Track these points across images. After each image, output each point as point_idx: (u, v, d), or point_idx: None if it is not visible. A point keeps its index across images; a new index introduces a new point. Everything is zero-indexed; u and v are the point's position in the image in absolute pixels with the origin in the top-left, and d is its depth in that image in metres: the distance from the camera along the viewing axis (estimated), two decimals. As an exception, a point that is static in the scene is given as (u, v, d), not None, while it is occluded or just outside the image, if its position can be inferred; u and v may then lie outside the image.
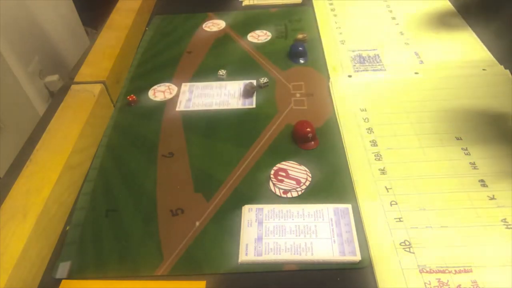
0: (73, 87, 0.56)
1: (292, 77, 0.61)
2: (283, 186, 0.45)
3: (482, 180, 0.44)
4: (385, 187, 0.44)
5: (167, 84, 0.62)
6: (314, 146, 0.50)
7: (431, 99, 0.54)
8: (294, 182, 0.46)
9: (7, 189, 0.42)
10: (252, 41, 0.70)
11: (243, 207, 0.44)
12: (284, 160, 0.48)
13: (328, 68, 0.62)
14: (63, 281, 0.39)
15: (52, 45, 1.02)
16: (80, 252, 0.41)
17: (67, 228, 0.44)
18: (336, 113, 0.54)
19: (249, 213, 0.43)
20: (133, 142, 0.53)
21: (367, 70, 0.61)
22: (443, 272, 0.36)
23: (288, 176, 0.46)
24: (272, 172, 0.47)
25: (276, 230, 0.41)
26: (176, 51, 0.69)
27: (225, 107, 0.57)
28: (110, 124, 0.56)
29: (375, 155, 0.48)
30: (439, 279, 0.36)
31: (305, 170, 0.47)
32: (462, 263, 0.37)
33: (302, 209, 0.43)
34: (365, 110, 0.54)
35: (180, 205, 0.45)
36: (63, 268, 0.40)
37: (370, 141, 0.49)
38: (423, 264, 0.37)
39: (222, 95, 0.59)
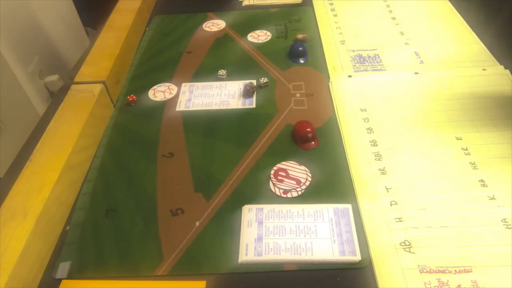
0: (73, 87, 0.56)
1: (292, 77, 0.61)
2: (283, 186, 0.45)
3: (482, 180, 0.44)
4: (385, 187, 0.44)
5: (167, 84, 0.62)
6: (314, 146, 0.50)
7: (431, 99, 0.54)
8: (294, 182, 0.46)
9: (7, 189, 0.42)
10: (252, 41, 0.70)
11: (243, 207, 0.44)
12: (284, 160, 0.48)
13: (328, 68, 0.62)
14: (63, 281, 0.39)
15: (52, 45, 1.02)
16: (80, 252, 0.41)
17: (67, 228, 0.44)
18: (336, 113, 0.54)
19: (249, 213, 0.43)
20: (133, 142, 0.53)
21: (367, 70, 0.61)
22: (443, 272, 0.36)
23: (288, 176, 0.46)
24: (272, 172, 0.47)
25: (276, 230, 0.41)
26: (176, 51, 0.69)
27: (225, 107, 0.57)
28: (110, 124, 0.56)
29: (375, 155, 0.48)
30: (439, 279, 0.36)
31: (305, 170, 0.47)
32: (462, 263, 0.37)
33: (302, 209, 0.43)
34: (365, 110, 0.54)
35: (180, 205, 0.45)
36: (63, 268, 0.40)
37: (370, 141, 0.49)
38: (423, 264, 0.37)
39: (222, 95, 0.59)
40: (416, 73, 0.59)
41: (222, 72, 0.62)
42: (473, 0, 0.73)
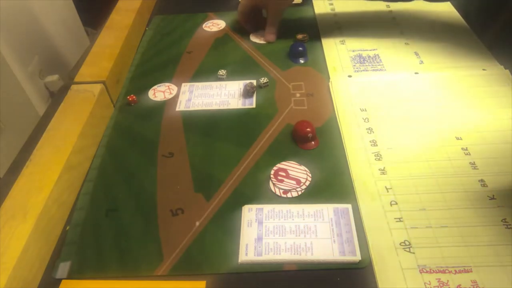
0: (73, 87, 0.56)
1: (292, 77, 0.61)
2: (283, 186, 0.45)
3: (482, 180, 0.44)
4: (385, 187, 0.44)
5: (167, 84, 0.62)
6: (314, 146, 0.50)
7: (431, 99, 0.54)
8: (294, 182, 0.46)
9: (7, 189, 0.42)
10: (252, 41, 0.70)
11: (243, 207, 0.44)
12: (284, 160, 0.48)
13: (328, 68, 0.62)
14: (63, 281, 0.39)
15: (52, 45, 1.03)
16: (80, 252, 0.41)
17: (67, 228, 0.44)
18: (336, 113, 0.54)
19: (249, 213, 0.43)
20: (133, 142, 0.53)
21: (367, 70, 0.61)
22: (443, 272, 0.37)
23: (288, 176, 0.46)
24: (272, 172, 0.47)
25: (276, 230, 0.41)
26: (176, 51, 0.69)
27: (225, 107, 0.57)
28: (110, 124, 0.56)
29: (375, 155, 0.48)
30: (439, 279, 0.36)
31: (305, 170, 0.47)
32: (462, 263, 0.37)
33: (302, 209, 0.43)
34: (365, 110, 0.54)
35: (180, 205, 0.45)
36: (63, 268, 0.40)
37: (370, 141, 0.49)
38: (423, 264, 0.37)
39: (222, 95, 0.59)
40: (416, 73, 0.59)
41: (222, 72, 0.62)
42: (473, 0, 0.73)
